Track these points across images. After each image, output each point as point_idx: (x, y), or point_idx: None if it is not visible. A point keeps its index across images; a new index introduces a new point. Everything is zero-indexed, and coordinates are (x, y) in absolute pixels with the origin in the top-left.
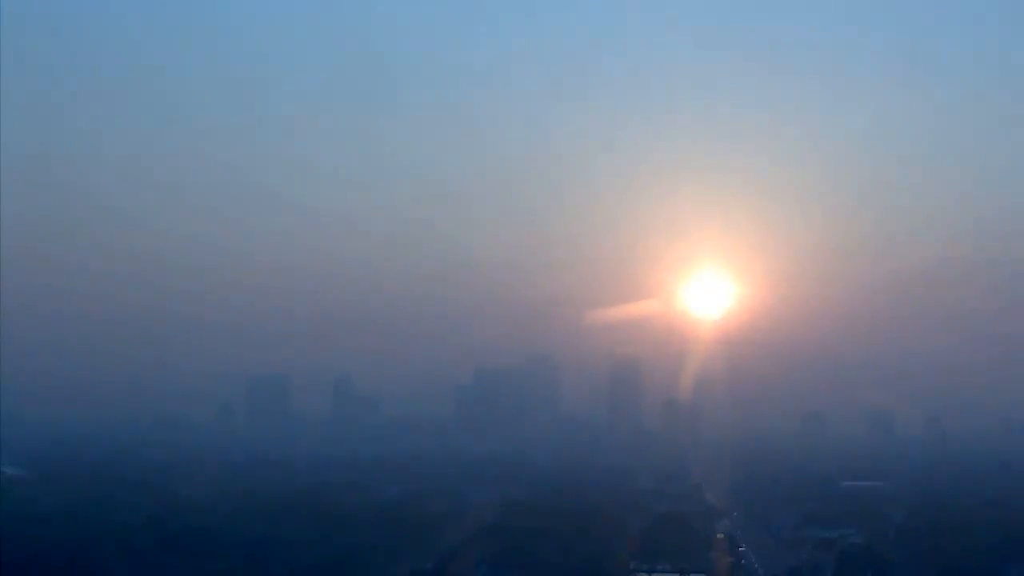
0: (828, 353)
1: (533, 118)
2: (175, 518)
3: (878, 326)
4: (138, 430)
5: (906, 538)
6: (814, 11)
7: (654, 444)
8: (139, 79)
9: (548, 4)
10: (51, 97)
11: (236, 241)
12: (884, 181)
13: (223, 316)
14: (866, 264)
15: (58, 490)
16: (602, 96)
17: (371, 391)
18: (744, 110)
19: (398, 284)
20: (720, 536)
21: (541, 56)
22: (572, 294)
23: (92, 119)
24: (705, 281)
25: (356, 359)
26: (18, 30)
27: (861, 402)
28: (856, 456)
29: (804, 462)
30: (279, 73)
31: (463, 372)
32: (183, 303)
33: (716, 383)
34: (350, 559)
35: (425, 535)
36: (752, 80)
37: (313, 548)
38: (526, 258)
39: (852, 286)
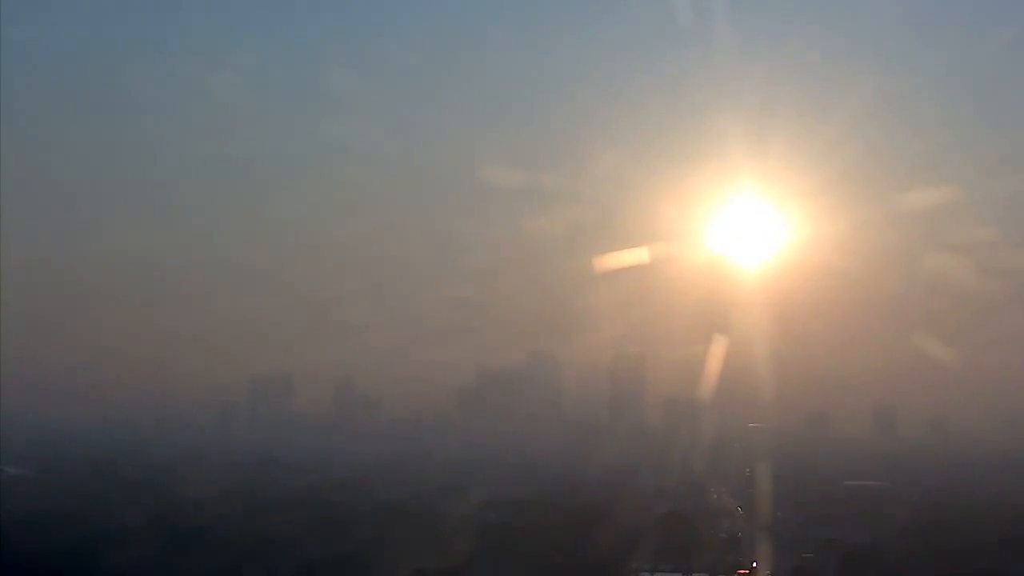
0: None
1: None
2: (177, 517)
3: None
4: (139, 430)
5: (909, 538)
6: None
7: (656, 442)
8: (139, 76)
9: None
10: (52, 99)
11: (237, 239)
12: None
13: (225, 315)
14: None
15: (59, 490)
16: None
17: (373, 391)
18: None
19: (399, 283)
20: (723, 536)
21: None
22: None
23: (90, 117)
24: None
25: (358, 359)
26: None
27: (865, 400)
28: (859, 455)
29: (808, 461)
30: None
31: (464, 371)
32: (185, 302)
33: (727, 372)
34: (352, 558)
35: (426, 534)
36: None
37: (314, 547)
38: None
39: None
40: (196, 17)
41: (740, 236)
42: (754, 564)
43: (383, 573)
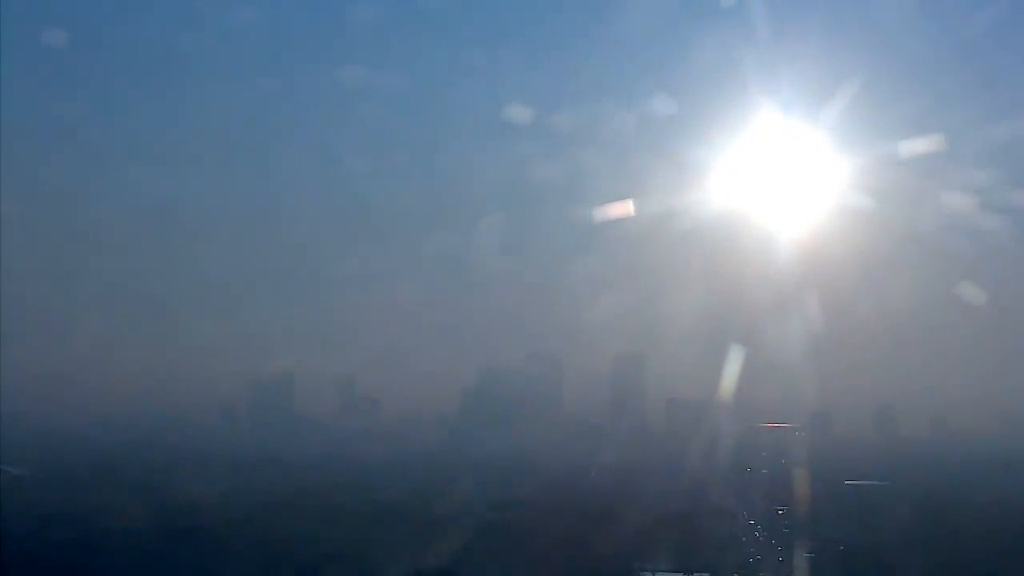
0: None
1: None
2: (178, 518)
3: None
4: (140, 430)
5: (909, 538)
6: None
7: (658, 441)
8: (142, 77)
9: None
10: (48, 95)
11: (239, 238)
12: None
13: (226, 314)
14: None
15: (60, 490)
16: None
17: (374, 391)
18: None
19: (401, 281)
20: (724, 535)
21: None
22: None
23: (90, 117)
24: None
25: (359, 358)
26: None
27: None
28: (860, 455)
29: (808, 460)
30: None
31: (466, 371)
32: (186, 301)
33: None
34: (351, 558)
35: (428, 534)
36: None
37: (316, 547)
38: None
39: None
40: None
41: (752, 196)
42: (755, 564)
43: (383, 572)
